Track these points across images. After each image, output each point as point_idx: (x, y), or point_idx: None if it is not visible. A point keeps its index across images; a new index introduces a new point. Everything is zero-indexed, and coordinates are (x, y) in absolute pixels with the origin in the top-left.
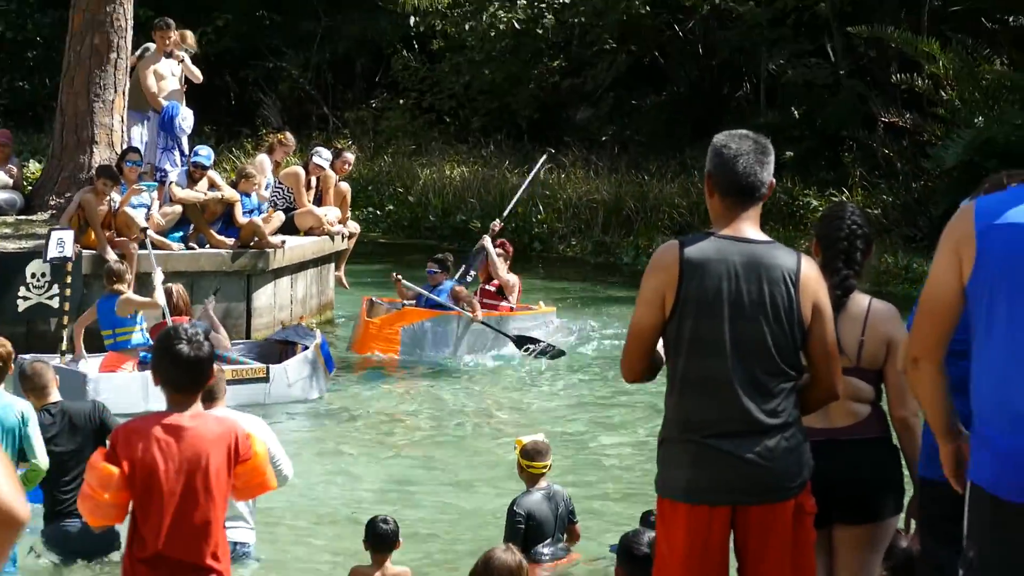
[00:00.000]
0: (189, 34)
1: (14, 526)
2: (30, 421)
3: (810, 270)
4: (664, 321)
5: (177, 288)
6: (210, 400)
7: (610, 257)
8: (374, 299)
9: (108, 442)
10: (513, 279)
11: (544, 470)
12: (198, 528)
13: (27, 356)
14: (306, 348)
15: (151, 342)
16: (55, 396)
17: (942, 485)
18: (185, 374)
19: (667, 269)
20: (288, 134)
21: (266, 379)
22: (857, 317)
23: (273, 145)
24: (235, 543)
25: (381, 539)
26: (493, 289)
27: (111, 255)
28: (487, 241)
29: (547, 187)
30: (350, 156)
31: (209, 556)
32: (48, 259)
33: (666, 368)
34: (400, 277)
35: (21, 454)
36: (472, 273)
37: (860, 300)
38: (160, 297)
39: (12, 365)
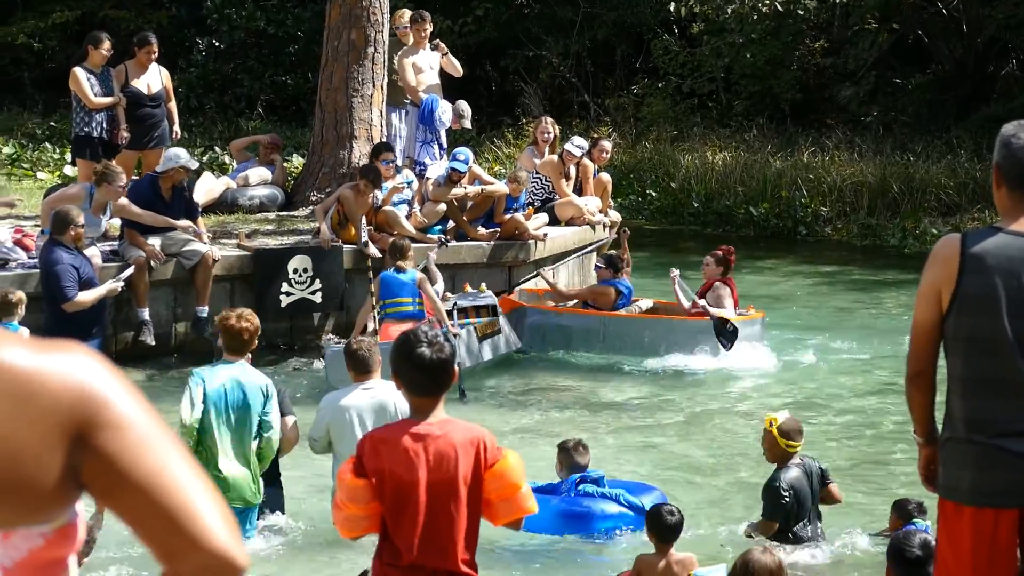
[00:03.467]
0: None
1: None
2: (272, 396)
3: None
4: (942, 317)
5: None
6: (365, 372)
7: (876, 240)
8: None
9: (356, 452)
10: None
11: (799, 448)
12: (451, 536)
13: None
14: (493, 307)
15: (424, 313)
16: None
17: None
18: (428, 378)
19: (946, 264)
20: (545, 119)
21: (499, 332)
22: None
23: (535, 136)
24: None
25: (668, 530)
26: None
27: (373, 250)
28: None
29: (811, 170)
30: (607, 144)
31: (463, 563)
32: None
33: (946, 366)
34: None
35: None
36: None
37: None
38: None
39: (255, 341)
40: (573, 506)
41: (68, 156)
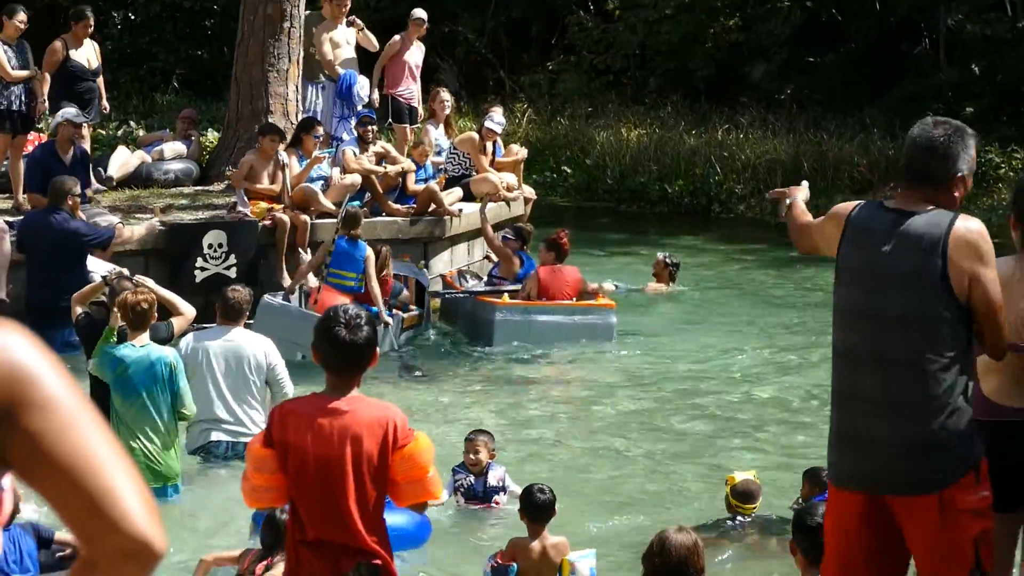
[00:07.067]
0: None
1: (150, 560)
2: (180, 371)
3: (964, 230)
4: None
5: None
6: (231, 320)
7: None
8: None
9: (267, 422)
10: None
11: (752, 511)
12: (355, 513)
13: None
14: (422, 289)
15: (363, 289)
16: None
17: None
18: (341, 358)
19: (836, 225)
20: (439, 88)
21: (420, 324)
22: None
23: (431, 108)
24: None
25: (539, 508)
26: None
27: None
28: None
29: (725, 148)
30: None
31: (371, 540)
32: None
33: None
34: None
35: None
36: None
37: None
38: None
39: (155, 313)
40: None
41: None
